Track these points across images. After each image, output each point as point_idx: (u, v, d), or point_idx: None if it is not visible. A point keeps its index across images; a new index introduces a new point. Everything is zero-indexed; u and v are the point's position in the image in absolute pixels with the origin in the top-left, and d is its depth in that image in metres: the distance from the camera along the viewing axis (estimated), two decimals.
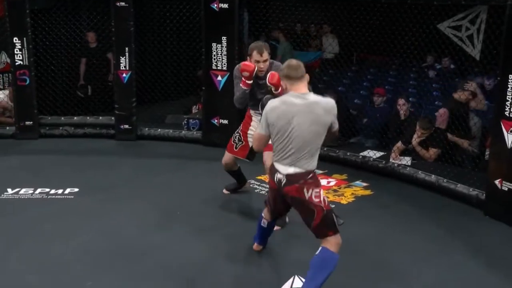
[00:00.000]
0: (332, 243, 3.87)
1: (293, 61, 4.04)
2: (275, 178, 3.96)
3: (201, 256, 4.64)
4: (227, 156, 5.58)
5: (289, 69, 3.96)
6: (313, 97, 3.90)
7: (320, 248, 3.87)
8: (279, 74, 4.22)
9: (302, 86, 3.93)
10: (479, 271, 4.59)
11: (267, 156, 5.01)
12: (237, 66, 5.32)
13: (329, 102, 3.90)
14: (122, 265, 4.48)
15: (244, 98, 5.19)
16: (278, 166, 3.94)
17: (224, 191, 5.94)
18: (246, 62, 5.06)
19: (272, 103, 3.97)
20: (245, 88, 5.10)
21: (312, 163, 3.90)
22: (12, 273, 4.35)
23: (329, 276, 3.81)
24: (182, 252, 4.72)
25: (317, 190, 3.88)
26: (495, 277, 4.48)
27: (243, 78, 5.07)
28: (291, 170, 3.87)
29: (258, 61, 5.06)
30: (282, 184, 3.91)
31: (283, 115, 3.86)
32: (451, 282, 4.41)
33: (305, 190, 3.85)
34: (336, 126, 3.97)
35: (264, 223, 4.51)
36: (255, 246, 4.72)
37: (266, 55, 5.08)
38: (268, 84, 4.86)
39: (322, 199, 3.88)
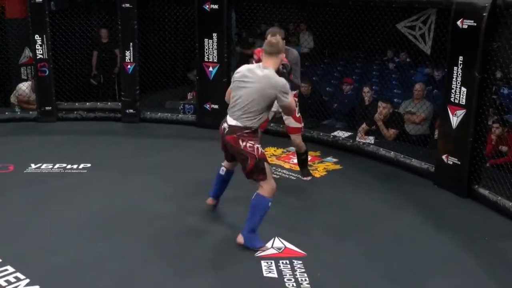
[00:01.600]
0: (264, 188, 4.02)
1: (273, 39, 4.14)
2: (222, 126, 4.10)
3: (196, 221, 4.71)
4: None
5: (266, 44, 4.12)
6: (268, 72, 4.00)
7: (254, 194, 4.05)
8: None
9: (269, 61, 4.05)
10: (428, 229, 4.73)
11: (293, 137, 5.53)
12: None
13: (278, 80, 3.99)
14: (128, 229, 4.55)
15: None
16: (227, 117, 4.09)
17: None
18: (259, 49, 4.85)
19: (241, 67, 4.16)
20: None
21: (250, 122, 4.00)
22: (34, 235, 4.43)
23: (263, 215, 4.06)
24: (180, 218, 4.79)
25: (252, 142, 4.00)
26: (441, 234, 4.62)
27: (254, 60, 4.99)
28: (233, 122, 4.03)
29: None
30: (225, 132, 4.06)
31: (241, 78, 4.05)
32: (405, 238, 4.54)
33: (240, 140, 3.99)
34: (284, 102, 4.02)
35: (222, 170, 4.55)
36: (209, 200, 4.71)
37: (279, 39, 4.88)
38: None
39: (255, 148, 3.99)
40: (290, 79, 4.54)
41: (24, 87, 8.08)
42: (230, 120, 4.05)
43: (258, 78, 3.98)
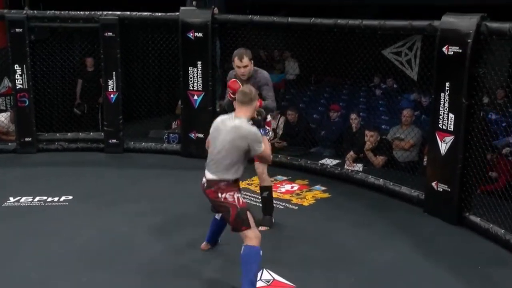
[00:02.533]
0: (250, 237, 3.92)
1: (246, 88, 4.18)
2: (202, 181, 4.12)
3: (183, 254, 4.68)
4: None
5: (239, 93, 4.13)
6: (239, 122, 4.00)
7: (242, 247, 3.90)
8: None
9: (242, 110, 4.06)
10: (419, 258, 4.73)
11: (257, 165, 5.09)
12: (230, 72, 5.24)
13: (248, 129, 3.99)
14: (113, 263, 4.50)
15: (229, 106, 4.97)
16: (205, 171, 4.10)
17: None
18: (234, 80, 4.91)
19: (217, 119, 4.18)
20: (229, 99, 4.94)
21: (227, 175, 4.01)
22: (17, 271, 4.36)
23: (258, 267, 3.93)
24: (167, 251, 4.76)
25: (231, 193, 3.99)
26: (432, 263, 4.62)
27: (229, 91, 4.91)
28: (210, 176, 4.05)
29: (238, 67, 4.91)
30: (205, 186, 4.08)
31: (216, 130, 4.09)
32: (396, 268, 4.54)
33: (218, 193, 4.00)
34: (257, 151, 4.03)
35: (218, 215, 4.49)
36: (203, 245, 4.67)
37: (246, 61, 4.88)
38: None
39: (235, 198, 3.97)
40: (265, 123, 4.57)
41: (3, 118, 8.06)
42: (208, 174, 4.07)
43: (228, 129, 3.99)
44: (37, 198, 5.93)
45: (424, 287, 4.23)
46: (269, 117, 5.20)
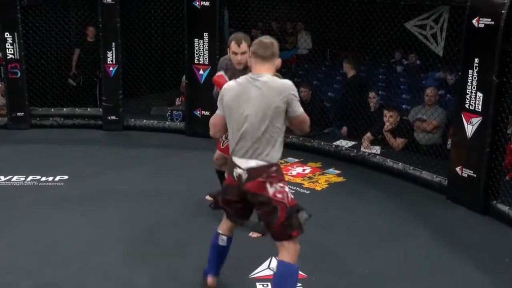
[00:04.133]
0: (289, 251, 3.33)
1: (266, 39, 3.46)
2: (234, 174, 3.34)
3: (186, 237, 4.66)
4: (216, 153, 4.97)
5: (257, 45, 3.41)
6: (266, 78, 3.32)
7: (277, 263, 3.39)
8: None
9: (265, 68, 3.38)
10: (440, 250, 4.68)
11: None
12: (221, 59, 4.87)
13: (283, 82, 3.34)
14: (109, 249, 4.49)
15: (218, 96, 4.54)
16: (236, 159, 3.33)
17: (207, 197, 5.29)
18: (220, 75, 4.34)
19: (227, 84, 3.46)
20: (217, 92, 4.28)
21: (274, 154, 3.30)
22: (4, 255, 4.35)
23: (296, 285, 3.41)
24: (166, 236, 4.74)
25: (281, 184, 3.31)
26: (456, 256, 4.57)
27: (215, 86, 4.44)
28: (253, 163, 3.28)
29: (235, 53, 4.49)
30: (243, 179, 3.30)
31: (237, 98, 3.33)
32: (415, 260, 4.49)
33: (267, 185, 3.27)
34: (298, 110, 3.32)
35: (222, 240, 3.66)
36: (210, 279, 3.77)
37: (244, 46, 4.45)
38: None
39: (286, 194, 3.31)
40: None
41: None
42: (245, 162, 3.29)
43: (257, 90, 3.28)
44: (30, 178, 5.93)
45: (445, 282, 4.17)
46: None
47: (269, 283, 3.98)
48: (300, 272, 4.12)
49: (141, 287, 3.98)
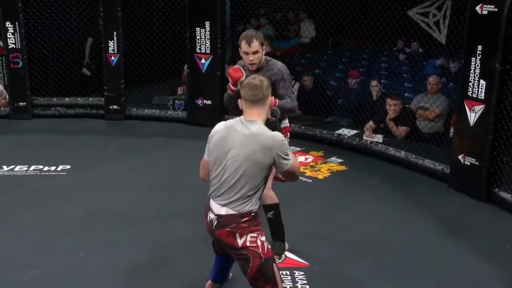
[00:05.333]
0: None
1: (256, 81, 3.20)
2: (208, 218, 3.19)
3: (184, 228, 4.64)
4: None
5: (246, 88, 3.19)
6: (256, 128, 3.11)
7: None
8: None
9: (254, 112, 3.16)
10: (443, 238, 4.68)
11: None
12: (238, 61, 4.29)
13: (272, 137, 3.09)
14: (112, 238, 4.50)
15: (230, 100, 4.12)
16: (211, 203, 3.17)
17: None
18: (236, 67, 3.97)
19: (217, 126, 3.25)
20: (230, 92, 4.05)
21: (248, 206, 3.10)
22: (6, 245, 4.37)
23: None
24: (168, 226, 4.75)
25: (254, 234, 3.10)
26: (458, 244, 4.57)
27: (230, 81, 4.00)
28: (223, 211, 3.10)
29: (247, 53, 4.00)
30: (213, 225, 3.14)
31: (221, 143, 3.15)
32: (417, 249, 4.49)
33: (237, 235, 3.09)
34: (286, 166, 3.12)
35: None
36: (208, 284, 3.72)
37: (256, 45, 3.97)
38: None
39: (260, 244, 3.11)
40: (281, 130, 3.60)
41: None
42: (218, 208, 3.12)
43: (243, 140, 3.08)
44: (32, 167, 5.95)
45: (447, 270, 4.18)
46: (286, 122, 4.33)
47: None
48: (300, 260, 4.19)
49: (143, 277, 3.98)
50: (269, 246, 3.19)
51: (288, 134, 4.31)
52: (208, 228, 3.21)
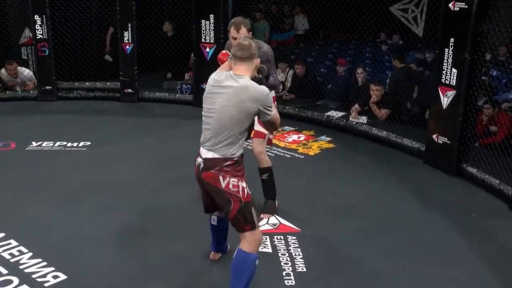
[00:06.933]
0: (248, 240, 3.11)
1: (245, 41, 3.22)
2: (196, 162, 3.18)
3: (188, 199, 4.66)
4: None
5: (236, 47, 3.21)
6: (245, 81, 3.11)
7: (236, 250, 3.14)
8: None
9: (243, 68, 3.17)
10: (418, 206, 4.77)
11: (255, 143, 4.29)
12: (228, 41, 4.39)
13: (260, 90, 3.10)
14: (128, 205, 4.57)
15: None
16: (201, 149, 3.16)
17: None
18: (224, 52, 3.95)
19: (209, 79, 3.25)
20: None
21: (232, 151, 3.08)
22: (36, 210, 4.46)
23: (252, 277, 3.12)
24: (176, 193, 4.80)
25: (235, 179, 3.08)
26: (431, 211, 4.67)
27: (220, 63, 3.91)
28: (209, 154, 3.10)
29: (234, 38, 4.05)
30: (200, 169, 3.14)
31: (211, 93, 3.17)
32: (397, 215, 4.59)
33: (221, 177, 3.08)
34: (267, 117, 3.13)
35: (213, 219, 3.61)
36: (212, 255, 3.77)
37: (243, 31, 4.05)
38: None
39: (241, 188, 3.09)
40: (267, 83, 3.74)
41: (26, 72, 8.04)
42: (205, 153, 3.12)
43: (231, 91, 3.08)
44: (57, 143, 6.00)
45: (421, 233, 4.28)
46: (272, 92, 4.15)
47: (267, 236, 4.07)
48: (293, 226, 4.26)
49: (159, 238, 4.06)
50: (249, 192, 3.15)
51: (275, 102, 4.27)
52: (196, 173, 3.18)
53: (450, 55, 5.22)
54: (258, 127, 4.09)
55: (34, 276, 3.52)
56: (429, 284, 3.63)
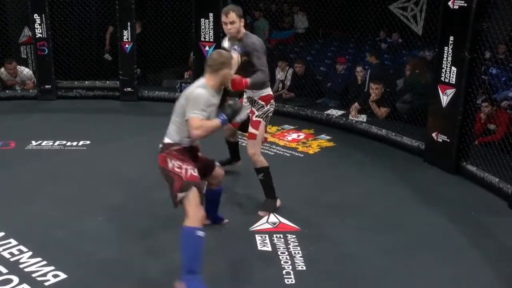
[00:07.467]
0: (189, 217, 3.32)
1: (216, 55, 3.57)
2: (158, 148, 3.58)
3: None
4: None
5: (209, 57, 3.59)
6: (197, 84, 3.50)
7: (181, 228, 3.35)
8: None
9: (207, 76, 3.50)
10: (417, 204, 4.78)
11: (248, 145, 4.42)
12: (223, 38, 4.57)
13: (194, 91, 3.42)
14: (127, 203, 4.59)
15: None
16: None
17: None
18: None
19: None
20: None
21: (177, 137, 3.48)
22: (36, 209, 4.45)
23: (198, 250, 3.30)
24: None
25: (180, 162, 3.42)
26: (430, 209, 4.67)
27: None
28: (165, 140, 3.54)
29: (225, 23, 4.22)
30: (158, 151, 3.56)
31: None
32: (396, 213, 4.59)
33: (168, 159, 3.45)
34: (186, 115, 3.39)
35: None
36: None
37: (232, 16, 4.17)
38: None
39: (184, 170, 3.40)
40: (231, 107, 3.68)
41: (25, 71, 8.04)
42: (164, 139, 3.56)
43: (188, 89, 3.52)
44: (57, 142, 5.99)
45: (421, 231, 4.29)
46: (268, 90, 4.44)
47: (267, 235, 4.09)
48: (293, 225, 4.26)
49: (159, 235, 4.07)
50: (194, 174, 3.43)
51: (272, 100, 4.45)
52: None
53: (450, 53, 5.22)
54: (250, 128, 4.32)
55: (34, 275, 3.52)
56: (429, 281, 3.63)
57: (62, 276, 3.52)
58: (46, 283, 3.44)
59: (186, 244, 3.30)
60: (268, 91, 4.45)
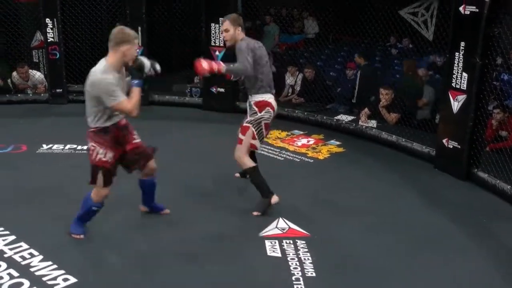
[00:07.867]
0: (95, 192, 3.87)
1: (116, 29, 3.65)
2: None
3: (200, 201, 4.73)
4: None
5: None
6: (97, 67, 3.61)
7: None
8: None
9: (109, 54, 3.61)
10: (427, 209, 4.76)
11: (236, 149, 4.50)
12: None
13: (97, 78, 3.53)
14: (135, 204, 4.54)
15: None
16: None
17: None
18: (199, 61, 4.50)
19: None
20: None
21: (91, 122, 3.71)
22: (46, 213, 4.46)
23: (88, 214, 3.95)
24: (186, 197, 4.82)
25: (94, 145, 3.74)
26: (439, 214, 4.64)
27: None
28: (89, 125, 3.78)
29: (221, 31, 4.55)
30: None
31: None
32: (406, 219, 4.57)
33: (89, 139, 3.77)
34: (107, 104, 3.57)
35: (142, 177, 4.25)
36: (141, 207, 4.45)
37: (226, 24, 4.40)
38: None
39: (93, 153, 3.75)
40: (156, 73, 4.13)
41: (15, 74, 8.08)
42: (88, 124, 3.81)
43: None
44: (68, 146, 6.02)
45: (429, 235, 4.27)
46: (264, 96, 4.47)
47: (276, 241, 4.07)
48: (302, 230, 4.25)
49: (168, 240, 4.07)
50: (104, 158, 3.77)
51: (268, 107, 4.45)
52: None
53: (461, 59, 5.19)
54: (238, 133, 4.46)
55: (44, 279, 3.54)
56: (430, 282, 3.60)
57: (72, 280, 3.53)
58: (56, 287, 3.46)
59: (83, 207, 3.93)
60: (264, 97, 4.47)
